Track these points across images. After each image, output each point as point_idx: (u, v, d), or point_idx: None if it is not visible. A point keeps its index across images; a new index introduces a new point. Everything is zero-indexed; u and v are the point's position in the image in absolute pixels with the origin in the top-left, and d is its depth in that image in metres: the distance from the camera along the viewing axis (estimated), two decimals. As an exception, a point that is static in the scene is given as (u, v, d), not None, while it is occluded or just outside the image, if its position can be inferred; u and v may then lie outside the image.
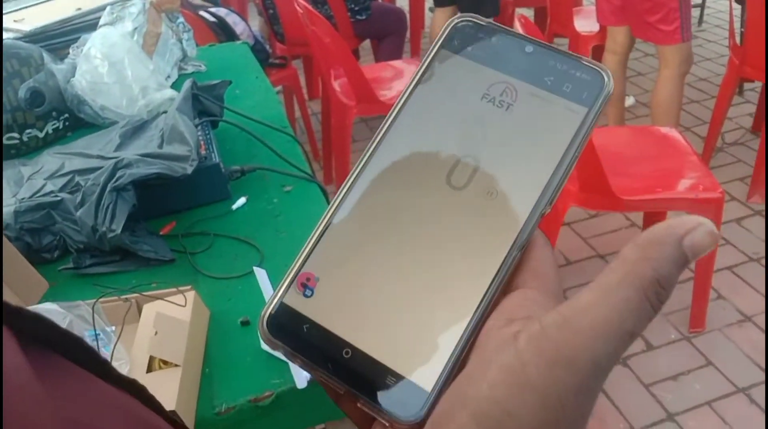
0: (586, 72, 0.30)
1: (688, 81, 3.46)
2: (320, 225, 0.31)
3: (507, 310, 0.27)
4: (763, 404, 1.76)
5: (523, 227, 0.28)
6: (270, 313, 0.29)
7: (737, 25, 2.60)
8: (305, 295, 0.29)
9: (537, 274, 0.28)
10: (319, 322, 0.29)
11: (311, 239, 0.30)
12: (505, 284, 0.28)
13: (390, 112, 0.32)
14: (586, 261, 2.34)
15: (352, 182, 0.31)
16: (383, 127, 0.32)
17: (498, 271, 0.28)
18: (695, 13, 4.31)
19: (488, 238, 0.28)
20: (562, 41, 3.63)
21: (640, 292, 0.23)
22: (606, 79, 0.30)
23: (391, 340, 0.28)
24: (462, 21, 0.32)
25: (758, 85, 3.05)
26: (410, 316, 0.28)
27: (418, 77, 0.32)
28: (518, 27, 1.92)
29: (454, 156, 0.30)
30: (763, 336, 1.96)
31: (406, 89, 0.32)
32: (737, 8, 2.66)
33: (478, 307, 0.27)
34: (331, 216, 0.31)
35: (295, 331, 0.29)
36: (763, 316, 2.02)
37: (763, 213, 2.47)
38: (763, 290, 2.12)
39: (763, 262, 2.24)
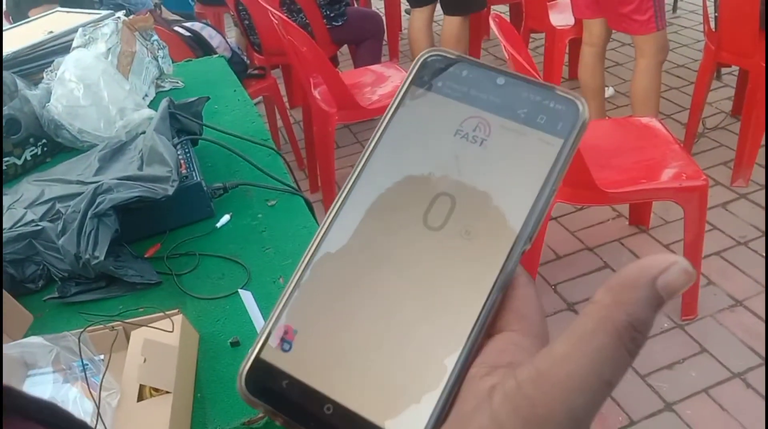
0: (560, 102, 0.29)
1: (665, 68, 3.48)
2: (296, 274, 0.29)
3: (490, 356, 0.26)
4: (759, 388, 1.77)
5: (503, 267, 0.27)
6: (247, 369, 0.28)
7: (711, 10, 2.62)
8: (283, 350, 0.28)
9: (520, 315, 0.27)
10: (298, 377, 0.27)
11: (287, 290, 0.29)
12: (488, 327, 0.27)
13: (362, 153, 0.31)
14: (575, 254, 2.34)
15: (327, 227, 0.30)
16: (356, 168, 0.31)
17: (479, 315, 0.27)
18: (668, 0, 4.34)
19: (468, 281, 0.28)
20: (539, 36, 3.64)
21: (615, 340, 0.22)
22: (581, 108, 0.29)
23: (374, 394, 0.27)
24: (431, 55, 0.32)
25: (735, 68, 3.07)
26: (392, 367, 0.27)
27: (389, 116, 0.31)
28: (493, 26, 1.92)
29: (429, 196, 0.29)
30: (755, 319, 1.97)
31: (378, 128, 0.31)
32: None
33: (460, 356, 0.26)
34: (307, 264, 0.30)
35: (274, 388, 0.28)
36: (754, 300, 2.04)
37: (748, 196, 2.49)
38: (752, 273, 2.13)
39: (751, 245, 2.25)
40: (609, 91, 3.31)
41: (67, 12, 2.04)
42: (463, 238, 0.28)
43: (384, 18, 3.84)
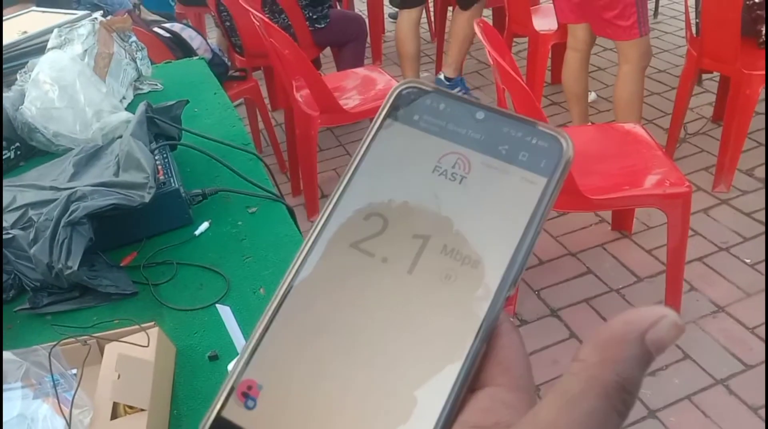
0: (543, 138, 0.27)
1: (647, 73, 3.50)
2: (262, 322, 0.27)
3: (473, 416, 0.24)
4: (741, 394, 1.77)
5: (486, 314, 0.25)
6: (208, 427, 0.26)
7: (693, 16, 2.63)
8: (247, 407, 0.26)
9: (504, 367, 0.25)
10: None
11: (251, 341, 0.27)
12: (471, 381, 0.25)
13: (334, 189, 0.29)
14: (558, 259, 2.34)
15: (297, 270, 0.28)
16: (328, 205, 0.29)
17: (461, 368, 0.25)
18: (650, 5, 4.37)
19: (449, 330, 0.25)
20: (522, 40, 3.64)
21: (604, 402, 0.20)
22: (565, 145, 0.27)
23: None
24: (407, 87, 0.30)
25: (716, 74, 3.09)
26: (367, 424, 0.25)
27: (363, 150, 0.29)
28: (477, 30, 1.90)
29: (407, 237, 0.27)
30: (737, 325, 1.97)
31: (351, 163, 0.29)
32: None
33: (441, 415, 0.24)
34: (274, 311, 0.27)
35: None
36: (736, 306, 2.04)
37: (730, 202, 2.50)
38: (733, 279, 2.14)
39: (732, 251, 2.26)
40: (592, 96, 3.31)
41: (43, 12, 1.99)
42: (443, 282, 0.26)
43: (367, 20, 3.82)
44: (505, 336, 0.26)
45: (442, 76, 3.56)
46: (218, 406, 0.26)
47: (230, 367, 0.84)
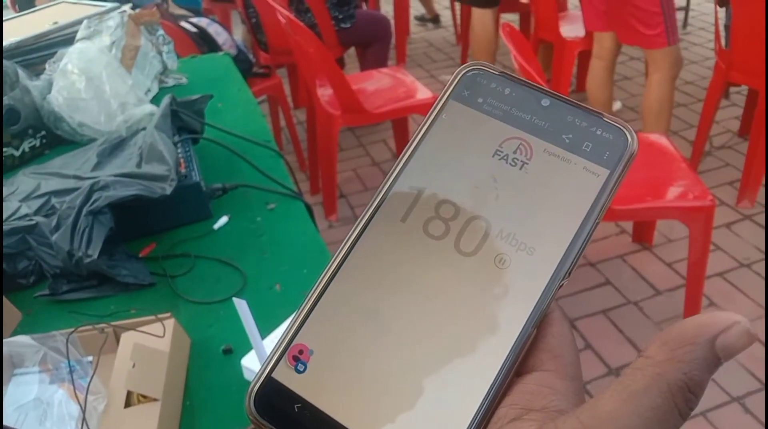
0: (608, 130, 0.27)
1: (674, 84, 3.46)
2: (315, 290, 0.27)
3: (521, 397, 0.24)
4: (757, 413, 1.74)
5: (539, 301, 0.25)
6: (257, 388, 0.26)
7: (721, 28, 2.60)
8: (297, 371, 0.26)
9: (554, 354, 0.25)
10: (311, 401, 0.26)
11: (305, 306, 0.27)
12: (519, 365, 0.25)
13: (393, 167, 0.29)
14: (577, 270, 2.31)
15: (353, 243, 0.28)
16: (385, 183, 0.29)
17: (511, 350, 0.25)
18: (679, 16, 4.32)
19: (501, 313, 0.26)
20: (548, 46, 3.62)
21: (668, 400, 0.20)
22: (630, 138, 0.27)
23: (392, 427, 0.25)
24: (472, 69, 0.30)
25: (744, 88, 3.05)
26: (413, 398, 0.25)
27: (424, 130, 0.29)
28: (503, 35, 1.89)
29: (463, 218, 0.27)
30: (756, 344, 1.94)
31: (411, 142, 0.29)
32: (721, 11, 2.65)
33: (489, 392, 0.24)
34: (327, 281, 0.27)
35: (285, 411, 0.26)
36: (756, 323, 2.01)
37: (753, 217, 2.46)
38: (754, 296, 2.11)
39: (754, 267, 2.23)
40: (617, 105, 3.29)
41: (74, 3, 2.01)
42: (497, 266, 0.26)
43: (392, 21, 3.82)
44: (556, 324, 0.26)
45: None
46: (269, 368, 0.26)
47: (243, 362, 0.84)
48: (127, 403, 0.83)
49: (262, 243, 1.15)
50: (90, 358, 0.93)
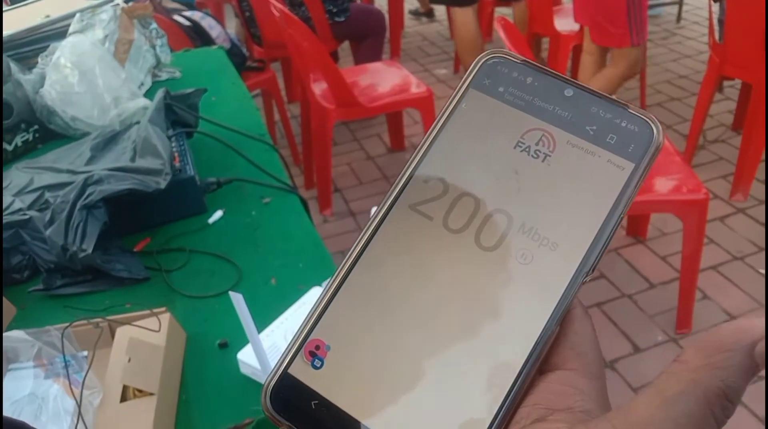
0: (633, 122, 0.27)
1: (667, 78, 3.47)
2: (332, 284, 0.27)
3: (544, 397, 0.23)
4: (750, 404, 1.76)
5: (562, 298, 0.25)
6: (274, 383, 0.26)
7: (715, 22, 2.60)
8: (314, 366, 0.26)
9: (577, 352, 0.24)
10: (329, 398, 0.25)
11: (322, 300, 0.27)
12: (541, 363, 0.24)
13: (411, 157, 0.28)
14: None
15: (369, 236, 0.27)
16: (404, 173, 0.28)
17: (534, 348, 0.24)
18: (673, 10, 4.33)
19: (523, 309, 0.25)
20: (543, 41, 3.62)
21: (704, 407, 0.20)
22: (655, 131, 0.26)
23: (411, 425, 0.24)
24: (493, 57, 0.29)
25: (738, 82, 3.06)
26: (433, 396, 0.24)
27: (443, 119, 0.28)
28: (497, 28, 1.89)
29: (484, 212, 0.27)
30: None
31: (430, 132, 0.28)
32: (715, 5, 2.65)
33: (511, 390, 0.24)
34: (344, 275, 0.27)
35: (301, 407, 0.25)
36: (749, 316, 2.02)
37: (746, 211, 2.47)
38: (748, 289, 2.12)
39: (748, 260, 2.24)
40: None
41: (66, -4, 2.00)
42: (519, 261, 0.26)
43: (387, 15, 3.81)
44: (578, 321, 0.25)
45: None
46: (285, 363, 0.26)
47: (239, 356, 0.84)
48: (123, 398, 0.83)
49: (257, 237, 1.15)
50: (85, 353, 0.92)
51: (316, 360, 0.26)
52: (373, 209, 0.91)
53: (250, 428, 0.83)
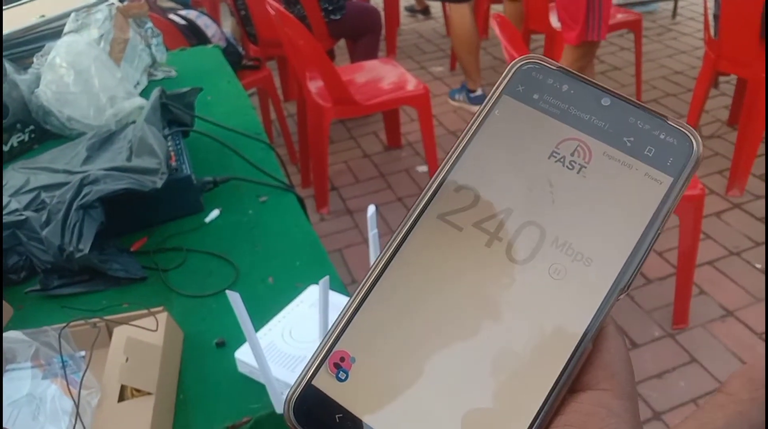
0: (672, 134, 0.26)
1: (663, 74, 3.48)
2: (358, 295, 0.26)
3: (576, 418, 0.22)
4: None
5: (596, 315, 0.24)
6: (297, 394, 0.25)
7: (710, 18, 2.60)
8: (339, 379, 0.25)
9: (610, 371, 0.24)
10: (353, 411, 0.24)
11: (347, 311, 0.26)
12: (573, 382, 0.24)
13: (442, 164, 0.27)
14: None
15: (397, 246, 0.26)
16: (433, 182, 0.27)
17: (566, 366, 0.24)
18: (668, 6, 4.34)
19: (555, 325, 0.24)
20: (539, 37, 3.63)
21: None
22: (695, 144, 0.26)
23: None
24: (528, 63, 0.28)
25: (733, 77, 3.06)
26: (461, 412, 0.24)
27: (474, 126, 0.27)
28: (493, 25, 1.89)
29: (516, 223, 0.26)
30: (746, 330, 1.96)
31: (461, 139, 0.27)
32: (710, 1, 2.65)
33: (541, 409, 0.23)
34: (371, 285, 0.26)
35: (325, 420, 0.25)
36: (746, 311, 2.03)
37: (743, 206, 2.48)
38: (744, 284, 2.12)
39: (744, 256, 2.24)
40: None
41: (60, -5, 1.99)
42: (552, 276, 0.25)
43: (383, 13, 3.81)
44: (611, 339, 0.24)
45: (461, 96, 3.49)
46: (309, 375, 0.25)
47: (237, 354, 0.84)
48: (121, 398, 0.83)
49: (254, 236, 1.15)
50: (83, 353, 0.93)
51: (341, 372, 0.25)
52: (370, 208, 0.89)
53: (248, 427, 0.83)
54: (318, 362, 0.25)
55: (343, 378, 0.25)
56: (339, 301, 0.96)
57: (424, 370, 0.24)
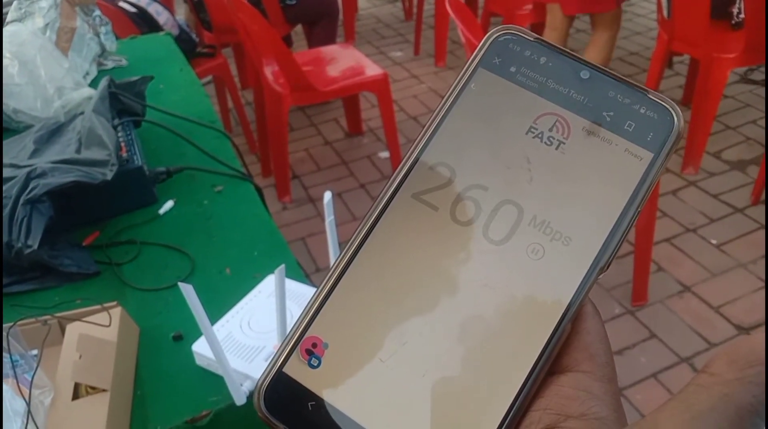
0: (653, 108, 0.25)
1: (618, 56, 3.52)
2: (330, 278, 0.25)
3: (556, 401, 0.22)
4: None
5: (575, 295, 0.24)
6: (268, 382, 0.24)
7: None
8: (311, 365, 0.24)
9: (589, 353, 0.23)
10: (326, 399, 0.24)
11: (318, 295, 0.25)
12: (552, 364, 0.23)
13: (416, 140, 0.26)
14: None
15: (370, 227, 0.25)
16: (407, 159, 0.26)
17: (545, 347, 0.23)
18: (623, -13, 4.38)
19: (533, 307, 0.24)
20: (498, 20, 3.63)
21: (734, 424, 0.19)
22: (676, 119, 0.25)
23: (413, 427, 0.23)
24: (505, 34, 0.27)
25: (687, 57, 3.11)
26: (437, 398, 0.23)
27: (450, 100, 0.26)
28: (448, 8, 1.88)
29: (492, 202, 0.25)
30: (703, 305, 2.01)
31: (435, 114, 0.26)
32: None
33: (520, 392, 0.23)
34: (343, 268, 0.25)
35: (297, 409, 0.24)
36: (702, 286, 2.07)
37: (698, 184, 2.53)
38: (700, 260, 2.17)
39: (700, 232, 2.29)
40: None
41: (3, -17, 1.92)
42: (530, 256, 0.24)
43: (339, -2, 3.78)
44: (590, 320, 0.24)
45: None
46: (279, 362, 0.24)
47: (194, 347, 0.82)
48: (75, 396, 0.81)
49: (210, 226, 1.13)
50: (34, 352, 0.90)
51: (313, 358, 0.24)
52: (326, 194, 0.88)
53: (208, 420, 0.82)
54: (289, 349, 0.24)
55: (315, 364, 0.24)
56: (298, 290, 0.95)
57: (399, 354, 0.24)
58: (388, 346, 0.24)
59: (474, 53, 0.27)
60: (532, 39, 0.27)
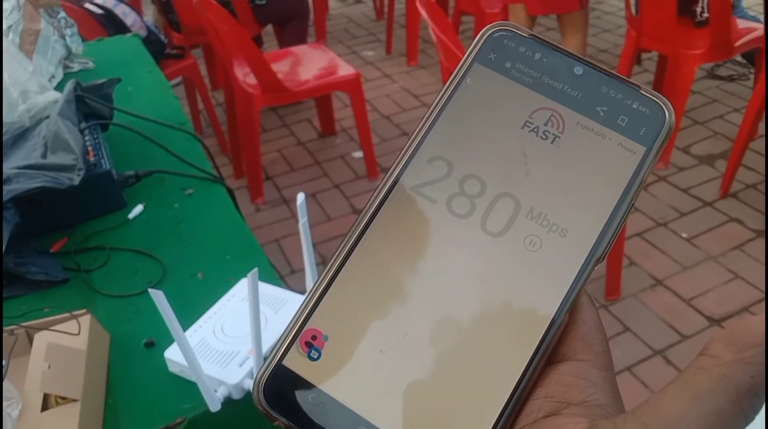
0: (645, 103, 0.26)
1: (589, 53, 3.55)
2: (329, 271, 0.25)
3: (556, 390, 0.22)
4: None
5: (572, 285, 0.24)
6: (267, 375, 0.24)
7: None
8: (311, 358, 0.24)
9: (587, 342, 0.24)
10: (326, 391, 0.24)
11: (318, 287, 0.25)
12: (550, 353, 0.24)
13: (412, 135, 0.27)
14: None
15: (368, 220, 0.26)
16: (405, 153, 0.26)
17: (543, 337, 0.23)
18: (591, -15, 4.43)
19: (531, 298, 0.24)
20: (468, 19, 3.65)
21: (735, 404, 0.19)
22: (667, 114, 0.26)
23: (414, 418, 0.23)
24: (500, 30, 0.27)
25: (655, 54, 3.16)
26: (437, 388, 0.23)
27: (447, 95, 0.27)
28: (420, 7, 1.88)
29: (490, 195, 0.25)
30: (675, 298, 2.04)
31: (432, 108, 0.27)
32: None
33: (519, 381, 0.23)
34: (342, 261, 0.25)
35: (297, 402, 0.24)
36: (674, 279, 2.10)
37: (668, 178, 2.57)
38: (672, 254, 2.20)
39: (671, 226, 2.33)
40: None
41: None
42: (527, 248, 0.25)
43: (310, -2, 3.76)
44: (586, 310, 0.24)
45: None
46: (279, 355, 0.24)
47: (167, 354, 0.81)
48: (45, 407, 0.79)
49: (180, 230, 1.11)
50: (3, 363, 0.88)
51: (313, 351, 0.24)
52: (299, 196, 0.86)
53: (182, 428, 0.81)
54: (288, 341, 0.24)
55: (315, 357, 0.24)
56: (272, 293, 0.94)
57: (399, 345, 0.24)
58: (387, 338, 0.24)
59: (470, 48, 0.28)
60: (526, 35, 0.27)
